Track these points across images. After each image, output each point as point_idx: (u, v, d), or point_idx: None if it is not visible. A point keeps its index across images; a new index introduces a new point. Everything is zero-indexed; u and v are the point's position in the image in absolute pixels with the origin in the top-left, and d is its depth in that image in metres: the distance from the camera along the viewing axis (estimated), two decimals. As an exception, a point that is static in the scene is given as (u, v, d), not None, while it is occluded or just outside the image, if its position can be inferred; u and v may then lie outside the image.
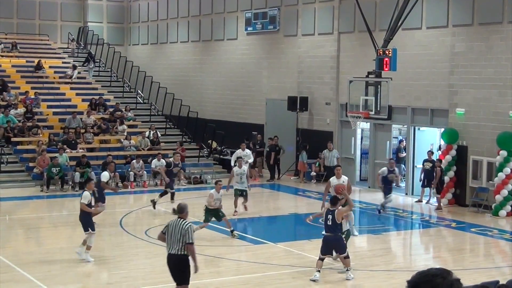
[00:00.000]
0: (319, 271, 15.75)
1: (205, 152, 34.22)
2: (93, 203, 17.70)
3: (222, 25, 37.82)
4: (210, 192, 20.25)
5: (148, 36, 44.00)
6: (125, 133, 32.90)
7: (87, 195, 17.49)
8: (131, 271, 16.76)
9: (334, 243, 15.82)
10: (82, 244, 17.43)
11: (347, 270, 15.90)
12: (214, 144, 34.73)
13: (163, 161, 30.12)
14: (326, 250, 15.89)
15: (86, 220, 17.50)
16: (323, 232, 16.03)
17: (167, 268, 13.12)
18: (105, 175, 22.15)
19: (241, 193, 23.66)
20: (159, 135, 33.66)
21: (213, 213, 20.00)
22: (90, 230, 17.37)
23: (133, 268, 17.05)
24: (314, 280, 15.64)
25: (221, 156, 33.97)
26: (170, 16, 41.81)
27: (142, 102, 38.98)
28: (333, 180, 19.83)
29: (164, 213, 24.61)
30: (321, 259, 15.86)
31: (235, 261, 17.74)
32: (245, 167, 23.85)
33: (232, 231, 20.10)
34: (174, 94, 37.65)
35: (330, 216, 15.73)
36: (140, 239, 20.00)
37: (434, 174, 25.70)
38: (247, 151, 28.23)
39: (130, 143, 32.13)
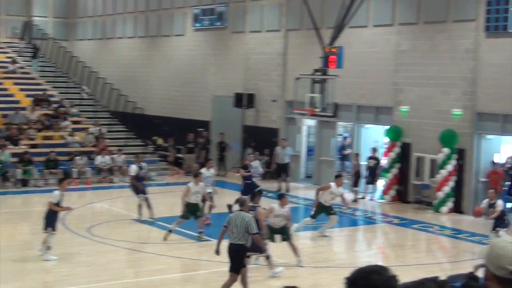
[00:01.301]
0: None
1: (150, 148, 33.96)
2: (61, 204, 17.36)
3: (169, 21, 37.60)
4: (187, 185, 19.37)
5: (94, 31, 43.51)
6: (69, 129, 32.44)
7: (56, 195, 17.20)
8: (72, 269, 16.51)
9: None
10: (43, 243, 17.24)
11: (272, 268, 15.66)
12: (160, 141, 34.51)
13: (107, 157, 29.87)
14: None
15: (50, 219, 17.23)
16: None
17: (109, 267, 12.93)
18: (133, 169, 22.01)
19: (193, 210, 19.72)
20: (104, 131, 33.30)
21: (192, 209, 19.23)
22: (51, 229, 17.16)
23: (75, 266, 16.81)
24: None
25: (166, 153, 33.77)
26: (116, 11, 41.41)
27: (87, 98, 38.53)
28: (333, 187, 19.74)
29: (107, 210, 24.38)
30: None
31: (178, 258, 17.60)
32: (202, 184, 19.69)
33: (200, 233, 19.39)
34: (119, 90, 37.31)
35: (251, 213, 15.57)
36: (82, 237, 19.74)
37: (377, 171, 26.06)
38: (257, 162, 25.35)
39: (74, 139, 31.70)
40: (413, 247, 20.47)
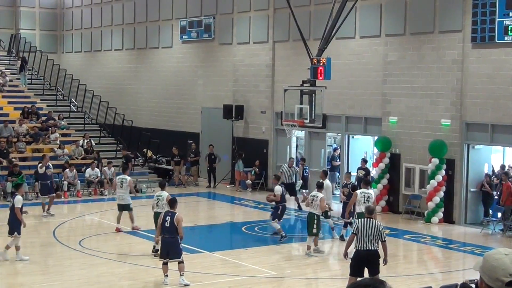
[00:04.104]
0: (167, 275, 15.94)
1: (140, 160, 33.96)
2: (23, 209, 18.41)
3: (157, 33, 37.64)
4: (321, 197, 19.46)
5: (81, 44, 43.49)
6: (58, 142, 32.38)
7: (20, 200, 18.15)
8: (64, 283, 16.48)
9: (170, 246, 15.84)
10: (5, 248, 17.98)
11: (181, 275, 15.94)
12: (149, 153, 34.51)
13: (97, 170, 29.82)
14: (164, 254, 15.96)
15: (16, 224, 17.99)
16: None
17: (101, 279, 12.91)
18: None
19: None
20: (93, 143, 33.26)
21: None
22: (17, 234, 17.93)
23: (66, 279, 16.77)
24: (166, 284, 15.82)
25: (156, 165, 33.75)
26: (104, 24, 41.42)
27: (75, 110, 38.44)
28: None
29: (98, 223, 24.34)
30: (165, 263, 15.95)
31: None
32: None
33: None
34: (108, 102, 37.26)
35: (168, 218, 15.77)
36: (73, 250, 19.69)
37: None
38: None
39: (63, 152, 31.64)
40: (404, 257, 20.51)
